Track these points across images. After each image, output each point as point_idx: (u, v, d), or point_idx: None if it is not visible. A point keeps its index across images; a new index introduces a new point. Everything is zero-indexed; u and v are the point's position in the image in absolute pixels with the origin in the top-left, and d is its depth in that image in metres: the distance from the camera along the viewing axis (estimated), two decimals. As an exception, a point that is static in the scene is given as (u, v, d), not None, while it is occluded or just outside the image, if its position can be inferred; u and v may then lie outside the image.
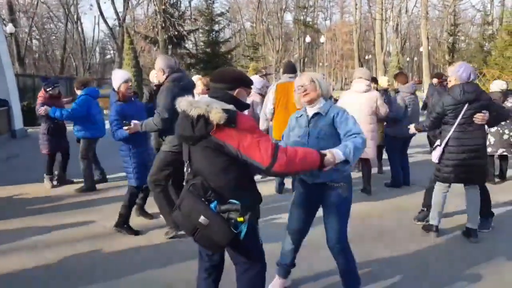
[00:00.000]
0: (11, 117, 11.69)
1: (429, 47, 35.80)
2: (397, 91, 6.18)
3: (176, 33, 21.71)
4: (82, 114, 5.78)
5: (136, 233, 4.22)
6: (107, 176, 6.40)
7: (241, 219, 2.00)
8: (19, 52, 31.80)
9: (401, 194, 5.55)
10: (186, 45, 25.32)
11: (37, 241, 4.09)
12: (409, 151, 6.24)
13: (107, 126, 4.68)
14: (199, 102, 2.11)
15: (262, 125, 5.62)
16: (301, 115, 2.79)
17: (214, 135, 2.04)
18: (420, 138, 7.65)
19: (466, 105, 3.80)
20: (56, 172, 6.27)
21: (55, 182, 6.24)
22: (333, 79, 64.22)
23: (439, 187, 4.10)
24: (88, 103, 5.86)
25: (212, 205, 2.04)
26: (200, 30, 25.45)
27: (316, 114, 2.70)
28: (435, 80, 8.43)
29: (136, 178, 4.12)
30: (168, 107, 3.54)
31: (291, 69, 5.43)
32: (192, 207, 2.07)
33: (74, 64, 45.55)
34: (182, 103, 2.15)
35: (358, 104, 5.20)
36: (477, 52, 32.53)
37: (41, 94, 6.10)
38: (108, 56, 57.53)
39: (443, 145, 3.96)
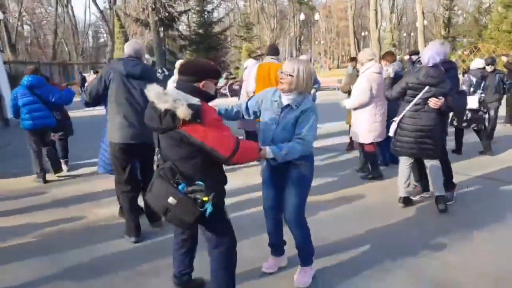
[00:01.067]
0: (2, 105, 11.65)
1: (426, 22, 35.44)
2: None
3: (167, 14, 21.44)
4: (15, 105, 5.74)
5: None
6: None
7: (206, 198, 2.20)
8: (9, 38, 31.38)
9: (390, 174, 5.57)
10: (179, 27, 24.97)
11: (34, 233, 4.15)
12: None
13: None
14: (167, 96, 2.18)
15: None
16: (277, 101, 2.80)
17: (180, 128, 2.19)
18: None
19: (426, 88, 3.97)
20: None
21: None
22: (330, 57, 63.71)
23: (402, 160, 4.37)
24: (16, 95, 5.72)
25: (180, 187, 2.23)
26: (192, 11, 25.08)
27: (287, 105, 2.75)
28: (407, 57, 9.02)
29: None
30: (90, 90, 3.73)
31: (273, 51, 5.48)
32: (161, 189, 2.28)
33: (66, 49, 44.99)
34: (151, 94, 2.23)
35: (381, 86, 5.06)
36: (472, 26, 32.28)
37: None
38: (102, 40, 56.82)
39: (397, 120, 4.21)
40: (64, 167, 6.45)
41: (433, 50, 3.98)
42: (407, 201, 4.41)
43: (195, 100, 2.21)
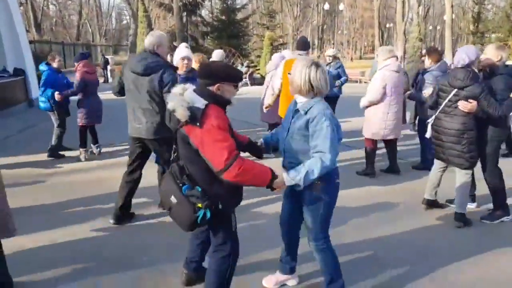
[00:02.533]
0: (27, 86, 11.84)
1: (453, 16, 34.43)
2: (425, 70, 5.48)
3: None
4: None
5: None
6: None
7: (200, 205, 2.20)
8: (35, 18, 31.81)
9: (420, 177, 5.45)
10: (201, 13, 24.87)
11: (47, 216, 4.23)
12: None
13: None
14: (176, 96, 2.23)
15: (268, 100, 5.80)
16: (294, 105, 2.59)
17: (182, 128, 2.23)
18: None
19: (454, 90, 3.83)
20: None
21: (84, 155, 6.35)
22: (352, 47, 62.74)
23: (435, 162, 4.28)
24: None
25: (183, 188, 2.26)
26: (216, -3, 24.94)
27: (296, 110, 2.51)
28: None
29: None
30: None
31: (301, 45, 5.30)
32: (168, 186, 2.34)
33: (90, 30, 45.43)
34: (170, 93, 2.43)
35: (397, 84, 5.13)
36: (503, 22, 31.22)
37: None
38: (124, 22, 57.17)
39: (430, 122, 4.11)
40: (95, 150, 6.56)
41: (463, 51, 3.87)
42: (430, 204, 4.34)
43: (201, 103, 2.17)
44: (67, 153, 6.47)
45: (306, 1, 54.87)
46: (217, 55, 6.56)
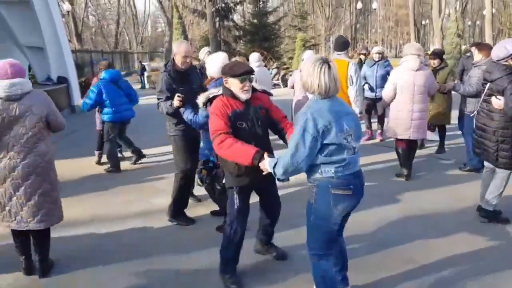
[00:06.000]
0: (70, 93, 12.41)
1: (494, 10, 33.01)
2: (474, 65, 5.19)
3: (223, 5, 21.66)
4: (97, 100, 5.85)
5: (191, 222, 4.18)
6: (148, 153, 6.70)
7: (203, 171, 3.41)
8: (76, 28, 33.21)
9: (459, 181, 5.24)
10: (234, 17, 25.15)
11: (93, 216, 4.45)
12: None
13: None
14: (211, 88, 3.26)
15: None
16: None
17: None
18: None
19: (488, 84, 3.75)
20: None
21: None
22: (387, 46, 61.42)
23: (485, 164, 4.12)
24: (102, 88, 5.87)
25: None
26: (247, 0, 25.11)
27: None
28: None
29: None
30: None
31: (338, 46, 5.21)
32: None
33: (127, 38, 46.93)
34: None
35: (412, 83, 5.00)
36: (548, 14, 29.60)
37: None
38: (160, 29, 58.56)
39: (474, 117, 4.07)
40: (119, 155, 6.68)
41: (502, 44, 3.75)
42: (484, 214, 3.98)
43: (218, 92, 2.89)
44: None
45: (338, 1, 54.26)
46: (253, 58, 6.75)
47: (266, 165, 2.52)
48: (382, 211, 4.26)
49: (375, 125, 7.73)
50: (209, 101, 2.91)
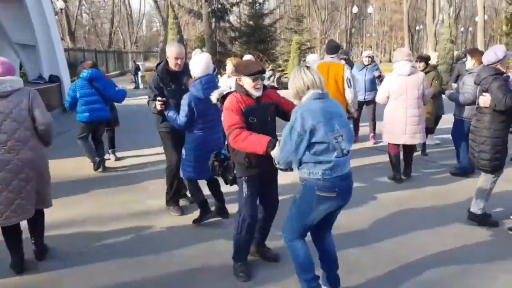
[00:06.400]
0: (62, 92, 12.25)
1: (486, 17, 33.34)
2: (468, 72, 5.22)
3: (219, 6, 21.58)
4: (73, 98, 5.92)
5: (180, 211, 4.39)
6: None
7: (215, 162, 3.18)
8: (69, 26, 32.95)
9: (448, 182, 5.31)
10: (230, 18, 25.07)
11: (87, 217, 4.37)
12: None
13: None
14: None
15: None
16: None
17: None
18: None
19: (478, 87, 3.84)
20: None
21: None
22: (381, 51, 61.78)
23: None
24: (76, 87, 5.93)
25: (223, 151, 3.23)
26: (244, 2, 25.07)
27: None
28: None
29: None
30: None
31: (330, 49, 5.36)
32: None
33: (121, 37, 46.68)
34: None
35: (404, 88, 5.03)
36: (540, 22, 29.87)
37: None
38: (154, 29, 58.43)
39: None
40: (111, 156, 6.66)
41: (492, 50, 3.85)
42: (472, 217, 4.02)
43: (231, 90, 3.06)
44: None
45: (334, 4, 54.50)
46: (247, 59, 6.70)
47: (273, 153, 2.67)
48: (373, 212, 4.29)
49: (365, 129, 7.78)
50: (223, 97, 3.08)
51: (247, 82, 2.92)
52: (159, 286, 3.10)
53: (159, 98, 3.92)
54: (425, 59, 6.45)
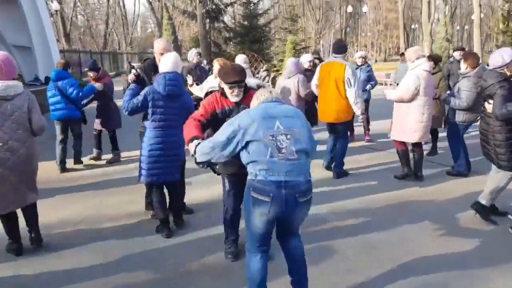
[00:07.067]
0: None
1: (482, 15, 33.46)
2: (463, 76, 5.14)
3: (213, 6, 21.59)
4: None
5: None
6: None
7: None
8: (65, 28, 32.85)
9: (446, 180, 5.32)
10: (224, 19, 25.07)
11: (83, 217, 4.35)
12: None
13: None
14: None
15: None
16: None
17: None
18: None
19: (485, 91, 3.85)
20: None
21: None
22: (376, 50, 61.94)
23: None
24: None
25: None
26: (238, 2, 25.07)
27: None
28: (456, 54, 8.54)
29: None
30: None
31: (336, 49, 5.38)
32: None
33: (116, 38, 46.58)
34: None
35: (426, 85, 4.88)
36: (535, 20, 30.02)
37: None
38: (149, 30, 58.33)
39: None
40: (114, 158, 6.66)
41: (499, 53, 3.82)
42: (479, 208, 4.03)
43: (216, 88, 3.40)
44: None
45: (328, 4, 54.60)
46: (239, 59, 6.65)
47: (191, 146, 2.75)
48: (370, 213, 4.27)
49: (360, 128, 7.80)
50: (207, 94, 3.29)
51: (225, 88, 3.06)
52: (155, 286, 3.09)
53: (135, 67, 3.93)
54: (435, 59, 6.35)
